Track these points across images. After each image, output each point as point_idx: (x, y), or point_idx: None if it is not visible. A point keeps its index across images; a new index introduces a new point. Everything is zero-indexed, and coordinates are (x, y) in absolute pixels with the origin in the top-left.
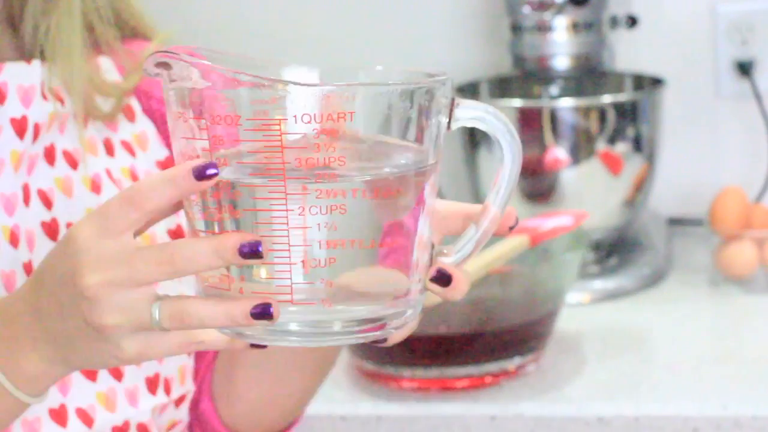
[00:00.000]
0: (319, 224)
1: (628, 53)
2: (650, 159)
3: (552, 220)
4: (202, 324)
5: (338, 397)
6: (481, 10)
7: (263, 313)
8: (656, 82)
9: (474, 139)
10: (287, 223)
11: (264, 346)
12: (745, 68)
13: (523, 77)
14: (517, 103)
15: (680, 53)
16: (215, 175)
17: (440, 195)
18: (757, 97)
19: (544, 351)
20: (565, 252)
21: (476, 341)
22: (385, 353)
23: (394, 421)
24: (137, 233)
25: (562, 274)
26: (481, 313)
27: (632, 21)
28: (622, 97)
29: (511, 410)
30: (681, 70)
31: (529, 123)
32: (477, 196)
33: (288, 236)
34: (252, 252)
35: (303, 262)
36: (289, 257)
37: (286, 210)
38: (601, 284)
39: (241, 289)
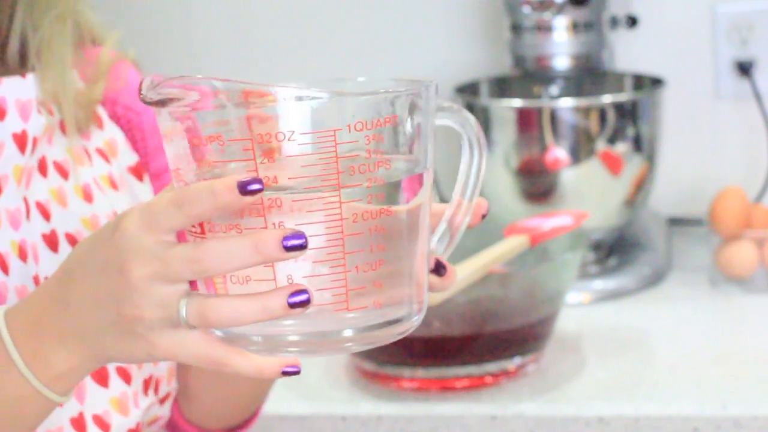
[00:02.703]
0: (370, 229)
1: (628, 53)
2: (650, 159)
3: (552, 220)
4: (230, 321)
5: (338, 397)
6: (481, 10)
7: (301, 301)
8: (656, 82)
9: None
10: (342, 232)
11: (297, 372)
12: (744, 68)
13: (523, 77)
14: (517, 103)
15: (680, 53)
16: (260, 190)
17: (441, 196)
18: (757, 97)
19: (544, 351)
20: (565, 252)
21: (476, 341)
22: (386, 353)
23: (394, 421)
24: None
25: (562, 274)
26: (481, 313)
27: (632, 21)
28: (622, 97)
29: (511, 410)
30: (681, 70)
31: (529, 123)
32: None
33: (343, 245)
34: (296, 245)
35: (356, 267)
36: (344, 265)
37: (341, 219)
38: (601, 284)
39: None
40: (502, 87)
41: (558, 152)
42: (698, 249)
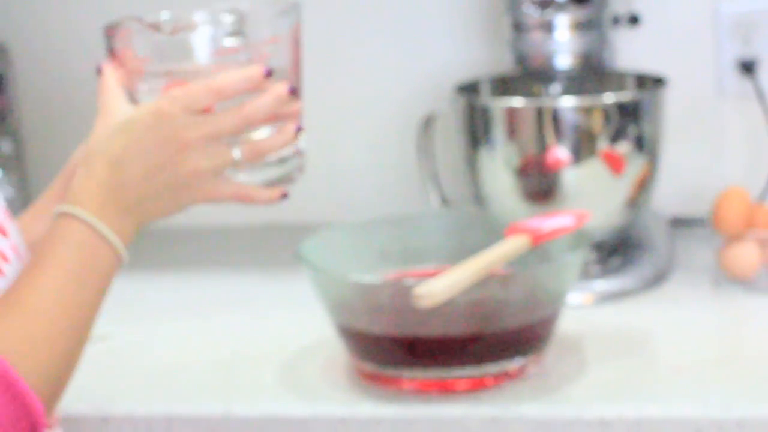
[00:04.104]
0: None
1: (630, 52)
2: (652, 158)
3: (553, 221)
4: (269, 149)
5: (337, 399)
6: (483, 9)
7: (299, 128)
8: (658, 81)
9: (474, 139)
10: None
11: (287, 195)
12: (747, 67)
13: (525, 76)
14: (519, 102)
15: (682, 52)
16: (272, 72)
17: (443, 195)
18: (760, 96)
19: (545, 352)
20: (566, 252)
21: (477, 342)
22: (386, 354)
23: (394, 423)
24: None
25: (563, 275)
26: (482, 314)
27: (634, 20)
28: (624, 96)
29: (512, 412)
30: (683, 69)
31: (530, 122)
32: (478, 196)
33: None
34: (293, 92)
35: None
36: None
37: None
38: (602, 285)
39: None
40: (503, 86)
41: (559, 152)
42: (701, 249)
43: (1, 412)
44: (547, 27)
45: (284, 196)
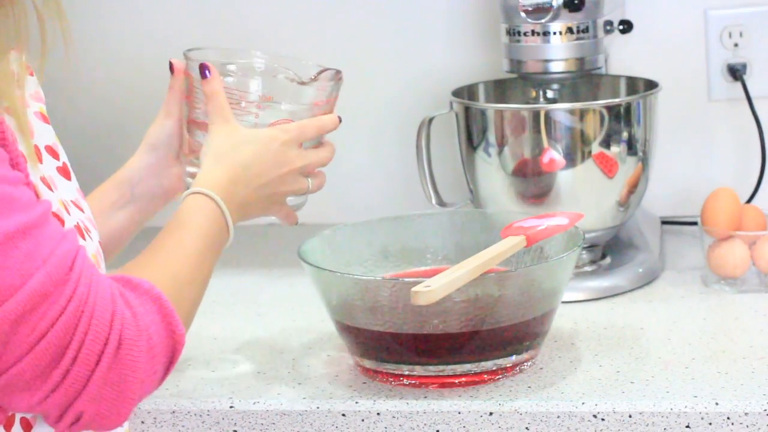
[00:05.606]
0: None
1: (622, 57)
2: (644, 161)
3: (548, 220)
4: (324, 182)
5: (339, 394)
6: (479, 16)
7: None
8: (650, 85)
9: (471, 142)
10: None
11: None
12: (736, 72)
13: (521, 80)
14: (514, 106)
15: (673, 57)
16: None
17: (441, 196)
18: (749, 99)
19: (540, 349)
20: (560, 252)
21: (474, 339)
22: (385, 351)
23: (394, 416)
24: None
25: (557, 274)
26: (479, 311)
27: (627, 26)
28: (617, 100)
29: (508, 406)
30: (674, 74)
31: (525, 126)
32: (475, 197)
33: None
34: (340, 121)
35: None
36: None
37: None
38: (595, 283)
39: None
40: (499, 90)
41: (554, 154)
42: (691, 249)
43: (155, 331)
44: (542, 33)
45: (297, 221)
